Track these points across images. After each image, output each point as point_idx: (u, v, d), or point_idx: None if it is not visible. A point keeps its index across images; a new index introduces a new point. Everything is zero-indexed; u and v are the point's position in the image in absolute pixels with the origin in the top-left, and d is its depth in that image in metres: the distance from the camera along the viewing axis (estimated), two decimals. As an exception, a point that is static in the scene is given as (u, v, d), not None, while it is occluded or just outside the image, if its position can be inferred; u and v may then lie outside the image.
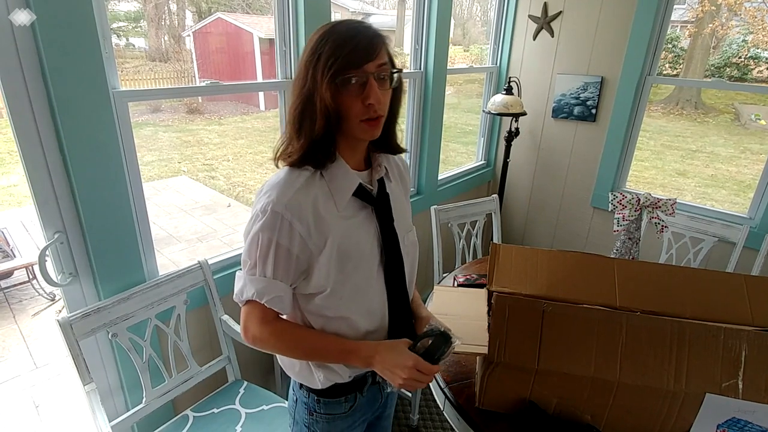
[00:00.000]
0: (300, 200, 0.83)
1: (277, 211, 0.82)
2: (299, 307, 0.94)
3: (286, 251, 0.84)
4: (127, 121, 1.35)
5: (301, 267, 0.88)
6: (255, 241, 0.84)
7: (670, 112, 9.53)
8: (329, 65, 0.79)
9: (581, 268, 1.20)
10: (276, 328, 0.91)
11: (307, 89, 0.82)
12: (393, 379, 0.87)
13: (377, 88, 0.81)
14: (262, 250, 0.84)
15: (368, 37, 0.81)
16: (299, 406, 1.04)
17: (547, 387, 1.04)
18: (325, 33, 0.81)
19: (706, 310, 1.07)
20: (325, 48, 0.80)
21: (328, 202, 0.87)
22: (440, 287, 1.48)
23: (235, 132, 7.87)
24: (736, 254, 2.12)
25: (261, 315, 0.89)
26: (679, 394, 0.96)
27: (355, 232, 0.90)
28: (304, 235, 0.84)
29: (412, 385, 0.88)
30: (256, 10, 8.64)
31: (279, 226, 0.82)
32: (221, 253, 1.76)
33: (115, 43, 1.27)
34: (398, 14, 10.09)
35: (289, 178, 0.85)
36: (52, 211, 1.26)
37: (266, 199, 0.83)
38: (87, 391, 1.25)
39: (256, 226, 0.84)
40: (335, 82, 0.79)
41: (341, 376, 0.96)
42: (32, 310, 3.25)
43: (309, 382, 0.98)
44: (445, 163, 2.81)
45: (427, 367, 0.86)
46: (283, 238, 0.83)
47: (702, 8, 9.33)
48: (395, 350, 0.89)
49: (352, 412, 1.02)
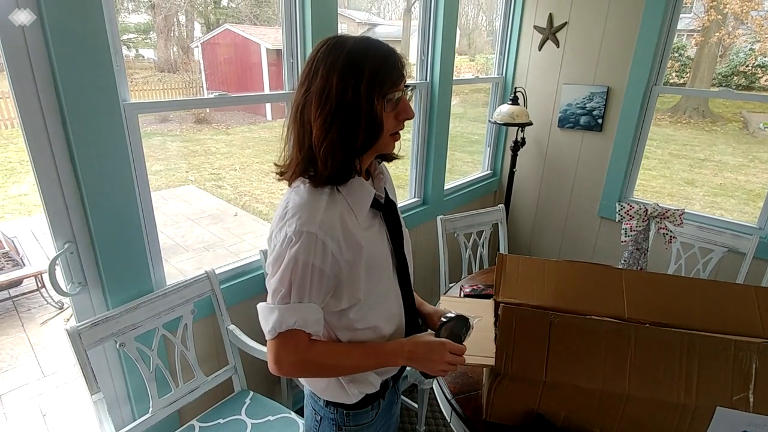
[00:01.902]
0: (330, 219, 0.83)
1: (312, 231, 0.80)
2: (327, 326, 0.94)
3: (319, 272, 0.83)
4: (136, 132, 1.37)
5: (330, 286, 0.87)
6: (290, 266, 0.81)
7: (678, 120, 9.49)
8: (378, 83, 0.81)
9: (589, 278, 1.20)
10: (317, 350, 0.89)
11: (350, 106, 0.80)
12: (431, 367, 0.92)
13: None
14: (300, 275, 0.82)
15: (396, 56, 0.85)
16: (325, 423, 1.03)
17: (555, 399, 1.03)
18: (354, 49, 0.81)
19: (716, 322, 1.06)
20: (366, 65, 0.80)
21: (350, 216, 0.88)
22: (446, 297, 1.48)
23: (242, 142, 7.92)
24: (746, 265, 2.09)
25: (297, 343, 0.85)
26: (689, 407, 0.95)
27: (376, 240, 0.93)
28: (336, 253, 0.83)
29: (448, 368, 0.93)
30: (264, 22, 8.75)
31: (314, 247, 0.81)
32: (228, 263, 1.77)
33: (125, 55, 1.29)
34: (404, 24, 10.17)
35: (314, 197, 0.84)
36: (63, 221, 1.27)
37: (298, 221, 0.81)
38: (94, 400, 1.26)
39: (291, 251, 0.81)
40: (383, 98, 0.83)
41: (373, 386, 0.99)
42: (41, 318, 3.27)
43: (340, 398, 0.98)
44: (451, 173, 2.82)
45: (457, 347, 0.93)
46: (317, 259, 0.82)
47: (708, 17, 9.33)
48: (425, 339, 0.94)
49: (377, 418, 1.05)
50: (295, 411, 1.56)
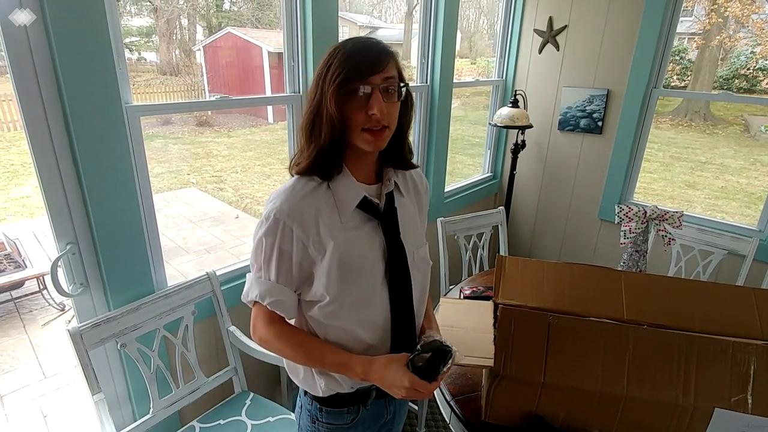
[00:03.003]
0: (303, 208, 0.87)
1: (279, 217, 0.86)
2: (303, 313, 0.96)
3: (288, 256, 0.88)
4: (138, 134, 1.38)
5: (304, 274, 0.90)
6: (260, 246, 0.89)
7: (679, 123, 9.50)
8: (336, 75, 0.82)
9: (588, 280, 1.20)
10: (280, 330, 0.94)
11: (316, 100, 0.86)
12: (392, 393, 0.88)
13: (382, 99, 0.83)
14: (266, 254, 0.88)
15: (376, 51, 0.84)
16: (303, 412, 1.05)
17: (554, 400, 1.03)
18: (337, 47, 0.85)
19: (715, 324, 1.06)
20: (334, 60, 0.83)
21: (332, 212, 0.89)
22: (446, 299, 1.48)
23: (243, 144, 7.95)
24: (746, 267, 2.10)
25: (267, 316, 0.93)
26: (687, 409, 0.95)
27: (358, 243, 0.91)
28: (304, 242, 0.87)
29: (413, 398, 0.89)
30: (266, 25, 8.79)
31: (281, 232, 0.86)
32: (229, 264, 1.78)
33: (127, 57, 1.31)
34: (405, 28, 10.20)
35: (295, 187, 0.89)
36: (65, 223, 1.28)
37: (271, 205, 0.88)
38: (95, 400, 1.26)
39: (260, 231, 0.88)
40: (340, 92, 0.82)
41: (342, 386, 0.96)
42: (42, 320, 3.28)
43: (311, 388, 0.99)
44: (452, 175, 2.83)
45: (424, 385, 0.85)
46: (285, 244, 0.87)
47: (709, 20, 9.35)
48: (390, 368, 0.87)
49: (354, 424, 1.02)
50: (295, 412, 1.57)
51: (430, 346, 0.88)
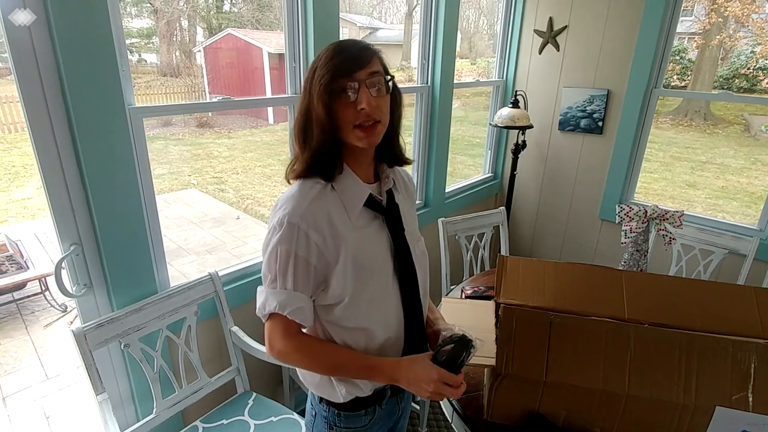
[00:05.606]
0: (314, 211, 0.86)
1: (294, 222, 0.84)
2: (320, 319, 0.95)
3: (304, 262, 0.86)
4: (141, 135, 1.39)
5: (319, 278, 0.89)
6: (274, 254, 0.86)
7: (679, 123, 9.49)
8: (322, 77, 0.83)
9: (589, 280, 1.20)
10: (300, 342, 0.92)
11: (305, 105, 0.87)
12: (420, 392, 0.88)
13: (370, 94, 0.83)
14: (282, 263, 0.86)
15: (358, 49, 0.85)
16: (318, 420, 1.03)
17: (556, 399, 1.04)
18: (320, 53, 0.86)
19: (716, 323, 1.06)
20: (319, 63, 0.84)
21: (341, 213, 0.89)
22: (448, 299, 1.49)
23: (244, 145, 7.95)
24: (747, 266, 2.10)
25: (284, 329, 0.90)
26: (688, 407, 0.96)
27: (369, 241, 0.92)
28: (320, 245, 0.86)
29: (440, 396, 0.89)
30: (266, 26, 8.80)
31: (296, 238, 0.84)
32: (231, 265, 1.78)
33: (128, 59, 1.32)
34: (405, 29, 10.22)
35: (303, 190, 0.88)
36: (69, 224, 1.29)
37: (282, 212, 0.86)
38: (99, 400, 1.27)
39: (274, 239, 0.86)
40: (329, 92, 0.83)
41: (363, 390, 0.96)
42: (44, 321, 3.29)
43: (330, 395, 0.98)
44: (452, 176, 2.83)
45: (452, 377, 0.87)
46: (301, 249, 0.85)
47: (709, 20, 9.35)
48: (418, 364, 0.89)
49: (371, 424, 1.02)
50: (297, 412, 1.57)
51: (450, 340, 0.90)
